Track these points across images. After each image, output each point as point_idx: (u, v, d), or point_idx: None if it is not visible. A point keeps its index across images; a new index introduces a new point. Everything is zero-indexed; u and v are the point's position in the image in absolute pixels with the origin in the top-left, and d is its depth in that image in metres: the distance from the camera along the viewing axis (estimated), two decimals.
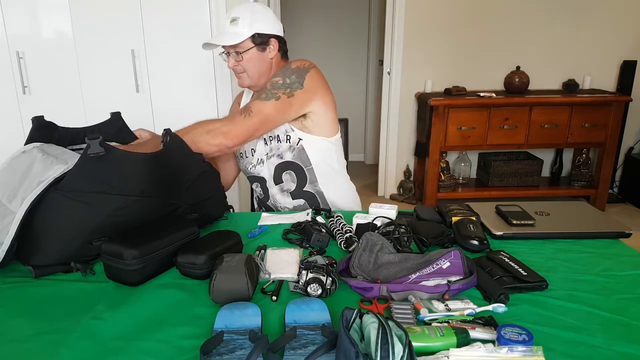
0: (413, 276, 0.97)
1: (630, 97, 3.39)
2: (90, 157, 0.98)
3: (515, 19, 3.57)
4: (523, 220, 1.25)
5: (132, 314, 0.89)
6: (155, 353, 0.78)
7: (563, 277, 1.02)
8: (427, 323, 0.84)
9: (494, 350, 0.73)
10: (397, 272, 1.01)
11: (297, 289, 0.97)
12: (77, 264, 1.06)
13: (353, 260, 1.02)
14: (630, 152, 3.79)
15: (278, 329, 0.85)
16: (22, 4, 2.57)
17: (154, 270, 1.02)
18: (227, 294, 0.90)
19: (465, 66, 3.66)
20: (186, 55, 2.74)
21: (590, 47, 3.63)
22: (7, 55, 2.62)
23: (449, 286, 0.93)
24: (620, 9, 3.55)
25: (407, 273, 0.98)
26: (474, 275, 0.96)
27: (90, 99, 2.75)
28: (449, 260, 0.97)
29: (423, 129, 3.58)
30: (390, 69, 3.71)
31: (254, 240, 1.21)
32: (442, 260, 0.97)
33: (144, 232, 1.04)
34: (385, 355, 0.63)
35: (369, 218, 1.25)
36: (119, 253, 0.97)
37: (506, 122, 3.35)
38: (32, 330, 0.85)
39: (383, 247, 1.06)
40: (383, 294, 0.92)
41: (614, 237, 1.21)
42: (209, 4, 2.67)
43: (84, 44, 2.66)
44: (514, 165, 3.56)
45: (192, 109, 2.82)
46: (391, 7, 3.61)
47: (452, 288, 0.92)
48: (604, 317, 0.87)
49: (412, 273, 0.97)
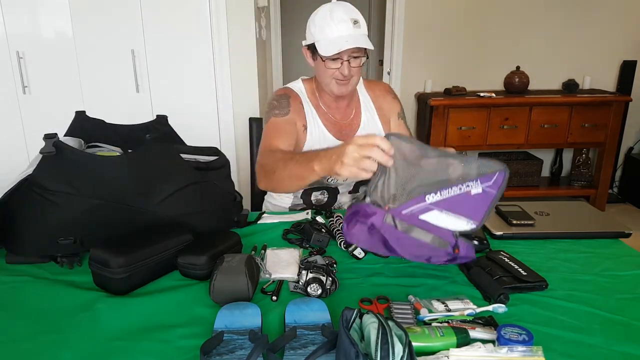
0: (430, 198, 0.82)
1: (630, 97, 3.38)
2: (52, 156, 0.99)
3: (515, 19, 3.56)
4: (523, 220, 1.25)
5: (132, 314, 0.89)
6: (155, 353, 0.79)
7: (563, 277, 1.02)
8: (427, 323, 0.84)
9: (494, 350, 0.73)
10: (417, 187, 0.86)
11: (297, 289, 0.97)
12: (63, 258, 1.07)
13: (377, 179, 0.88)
14: (630, 152, 3.79)
15: (278, 329, 0.85)
16: (22, 4, 2.56)
17: (142, 279, 0.99)
18: (227, 294, 0.90)
19: (465, 66, 3.66)
20: (186, 55, 2.73)
21: (590, 47, 3.63)
22: (7, 55, 2.62)
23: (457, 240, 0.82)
24: (620, 9, 3.55)
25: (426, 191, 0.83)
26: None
27: (90, 99, 2.75)
28: (484, 186, 0.81)
29: (423, 129, 3.58)
30: (390, 69, 3.71)
31: (252, 239, 1.21)
32: (475, 183, 0.82)
33: (133, 239, 1.01)
34: (385, 355, 0.63)
35: None
36: (105, 260, 0.94)
37: (506, 122, 3.35)
38: (32, 330, 0.85)
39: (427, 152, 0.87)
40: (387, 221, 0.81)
41: (614, 237, 1.21)
42: (209, 4, 2.67)
43: (84, 44, 2.66)
44: (514, 165, 3.56)
45: (192, 109, 2.82)
46: (391, 7, 3.61)
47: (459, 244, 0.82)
48: (603, 317, 0.87)
49: (431, 192, 0.83)
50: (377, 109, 1.53)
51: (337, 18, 1.28)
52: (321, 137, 1.44)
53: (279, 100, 1.43)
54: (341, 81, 1.36)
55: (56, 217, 1.03)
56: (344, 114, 1.49)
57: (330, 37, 1.28)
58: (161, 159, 1.11)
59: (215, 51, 2.74)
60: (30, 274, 1.04)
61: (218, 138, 2.90)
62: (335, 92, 1.39)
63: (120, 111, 2.74)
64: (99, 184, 1.03)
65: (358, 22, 1.30)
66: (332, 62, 1.32)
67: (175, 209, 1.11)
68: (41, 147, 0.99)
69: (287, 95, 1.45)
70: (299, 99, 1.45)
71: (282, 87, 1.51)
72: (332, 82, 1.37)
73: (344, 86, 1.37)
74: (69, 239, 1.04)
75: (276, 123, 1.39)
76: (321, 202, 1.53)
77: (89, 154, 1.05)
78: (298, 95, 1.46)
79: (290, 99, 1.43)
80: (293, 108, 1.42)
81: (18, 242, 1.06)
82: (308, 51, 1.39)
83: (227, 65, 2.77)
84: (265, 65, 3.45)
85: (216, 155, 1.28)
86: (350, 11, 1.30)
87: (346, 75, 1.33)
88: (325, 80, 1.38)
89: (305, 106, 1.45)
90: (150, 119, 1.41)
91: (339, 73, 1.34)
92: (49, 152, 0.98)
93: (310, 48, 1.37)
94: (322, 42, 1.30)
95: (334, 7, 1.30)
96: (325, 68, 1.34)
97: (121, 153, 1.24)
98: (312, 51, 1.36)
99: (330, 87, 1.38)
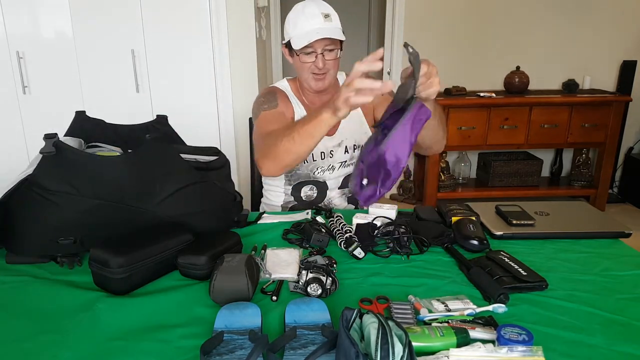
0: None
1: (630, 97, 3.38)
2: (52, 156, 0.99)
3: (515, 18, 3.56)
4: (523, 220, 1.25)
5: (132, 314, 0.89)
6: (155, 353, 0.79)
7: (563, 277, 1.02)
8: (427, 323, 0.84)
9: (494, 350, 0.73)
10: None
11: (297, 289, 0.97)
12: (63, 258, 1.07)
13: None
14: (630, 152, 3.79)
15: (278, 329, 0.85)
16: (22, 4, 2.56)
17: (142, 279, 0.99)
18: (227, 294, 0.90)
19: (465, 66, 3.66)
20: (186, 55, 2.73)
21: (590, 47, 3.63)
22: (7, 55, 2.62)
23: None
24: (620, 9, 3.55)
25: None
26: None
27: (90, 99, 2.75)
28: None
29: None
30: (390, 69, 3.71)
31: (252, 239, 1.21)
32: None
33: (133, 239, 1.01)
34: (385, 355, 0.63)
35: (368, 218, 1.25)
36: (105, 261, 0.94)
37: (506, 122, 3.35)
38: (32, 330, 0.85)
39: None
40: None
41: (614, 237, 1.21)
42: (209, 4, 2.67)
43: (84, 44, 2.66)
44: (514, 165, 3.56)
45: (192, 109, 2.82)
46: (391, 7, 3.61)
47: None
48: (603, 317, 0.87)
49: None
50: None
51: (308, 13, 1.34)
52: None
53: (266, 97, 1.47)
54: (318, 75, 1.39)
55: (56, 217, 1.03)
56: None
57: (302, 32, 1.33)
58: (161, 159, 1.10)
59: (215, 51, 2.74)
60: (30, 274, 1.04)
61: (218, 138, 2.90)
62: (313, 87, 1.43)
63: (120, 111, 2.74)
64: (99, 184, 1.03)
65: (329, 16, 1.35)
66: (307, 56, 1.36)
67: (175, 209, 1.11)
68: (41, 147, 0.98)
69: (274, 92, 1.49)
70: (285, 95, 1.49)
71: (267, 87, 1.55)
72: (310, 76, 1.40)
73: (321, 81, 1.41)
74: (69, 239, 1.04)
75: (266, 115, 1.42)
76: (311, 198, 1.55)
77: (89, 154, 1.05)
78: (284, 91, 1.50)
79: (277, 95, 1.47)
80: (281, 103, 1.45)
81: (18, 242, 1.06)
82: (286, 49, 1.43)
83: (227, 65, 2.77)
84: (265, 65, 3.45)
85: (216, 155, 1.28)
86: (322, 6, 1.36)
87: (321, 67, 1.37)
88: (304, 75, 1.42)
89: (292, 101, 1.49)
90: (150, 119, 1.41)
91: (315, 66, 1.37)
92: (49, 152, 0.98)
93: (287, 46, 1.41)
94: (295, 37, 1.35)
95: (306, 4, 1.36)
96: (300, 63, 1.38)
97: (121, 153, 1.24)
98: (289, 49, 1.41)
99: (308, 83, 1.42)
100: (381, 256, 1.12)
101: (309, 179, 1.53)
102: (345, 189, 1.58)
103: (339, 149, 1.52)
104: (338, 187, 1.57)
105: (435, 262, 1.10)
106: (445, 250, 1.15)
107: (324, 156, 1.51)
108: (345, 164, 1.54)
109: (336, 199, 1.57)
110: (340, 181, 1.56)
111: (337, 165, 1.53)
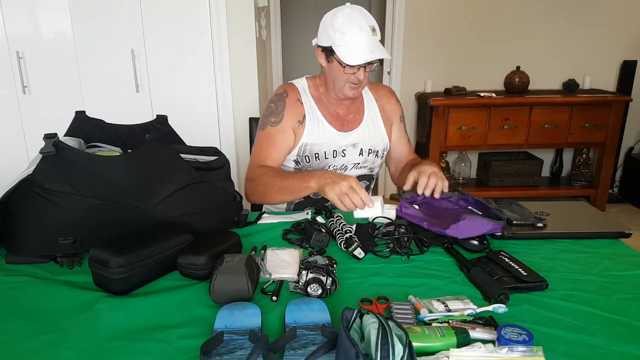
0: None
1: (630, 97, 3.38)
2: (52, 156, 0.99)
3: (515, 18, 3.56)
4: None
5: (132, 314, 0.89)
6: (155, 353, 0.78)
7: (563, 277, 1.02)
8: (427, 323, 0.84)
9: (494, 350, 0.73)
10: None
11: (297, 289, 0.97)
12: (63, 258, 1.07)
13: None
14: (630, 152, 3.79)
15: (278, 329, 0.85)
16: (22, 4, 2.56)
17: (142, 279, 0.99)
18: (227, 294, 0.90)
19: (465, 66, 3.65)
20: (186, 55, 2.73)
21: (590, 47, 3.63)
22: (7, 55, 2.61)
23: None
24: (620, 9, 3.55)
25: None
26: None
27: (90, 99, 2.74)
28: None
29: (423, 129, 3.58)
30: (390, 68, 3.71)
31: (252, 239, 1.21)
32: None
33: (133, 240, 1.01)
34: (385, 355, 0.63)
35: (369, 218, 1.25)
36: (105, 261, 0.94)
37: (506, 122, 3.35)
38: (32, 330, 0.85)
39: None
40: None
41: (614, 237, 1.21)
42: (209, 4, 2.66)
43: (84, 44, 2.66)
44: (514, 165, 3.56)
45: (192, 109, 2.81)
46: (391, 7, 3.61)
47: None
48: (604, 317, 0.87)
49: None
50: (379, 108, 1.58)
51: (358, 26, 1.32)
52: (320, 128, 1.48)
53: (277, 103, 1.48)
54: (354, 85, 1.41)
55: (56, 217, 1.03)
56: (348, 109, 1.53)
57: (353, 46, 1.32)
58: (161, 159, 1.10)
59: (215, 51, 2.74)
60: (30, 274, 1.04)
61: (218, 138, 2.90)
62: (348, 95, 1.44)
63: (120, 111, 2.73)
64: (99, 184, 1.03)
65: (376, 30, 1.35)
66: (350, 68, 1.36)
67: (175, 209, 1.11)
68: (41, 147, 0.98)
69: (286, 92, 1.49)
70: (297, 94, 1.49)
71: (284, 84, 1.55)
72: (346, 85, 1.41)
73: (356, 90, 1.43)
74: (69, 239, 1.04)
75: (269, 134, 1.46)
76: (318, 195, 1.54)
77: (88, 154, 1.05)
78: (298, 90, 1.50)
79: (287, 98, 1.48)
80: (288, 108, 1.46)
81: (18, 242, 1.06)
82: (322, 53, 1.41)
83: (227, 65, 2.77)
84: (265, 65, 3.45)
85: (216, 155, 1.28)
86: (369, 18, 1.35)
87: (362, 80, 1.39)
88: (340, 84, 1.42)
89: (304, 100, 1.49)
90: (150, 119, 1.41)
91: (355, 77, 1.38)
92: (49, 152, 0.98)
93: (324, 50, 1.39)
94: (343, 49, 1.33)
95: (353, 14, 1.33)
96: (342, 73, 1.38)
97: (121, 153, 1.24)
98: (327, 54, 1.39)
99: (343, 91, 1.43)
100: (381, 256, 1.12)
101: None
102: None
103: (354, 150, 1.51)
104: None
105: (435, 262, 1.10)
106: (445, 250, 1.15)
107: (336, 154, 1.49)
108: (358, 166, 1.54)
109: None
110: None
111: (350, 166, 1.52)
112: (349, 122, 1.52)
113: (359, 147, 1.52)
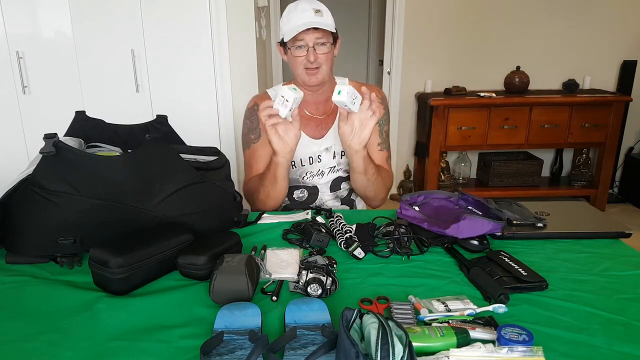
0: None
1: (630, 97, 3.39)
2: (52, 156, 0.99)
3: (515, 19, 3.57)
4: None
5: (132, 314, 0.89)
6: (155, 353, 0.78)
7: (563, 277, 1.02)
8: (427, 323, 0.84)
9: (494, 350, 0.73)
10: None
11: (297, 289, 0.97)
12: (63, 258, 1.07)
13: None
14: (630, 152, 3.79)
15: (278, 329, 0.85)
16: (22, 4, 2.56)
17: (141, 279, 0.98)
18: (227, 294, 0.90)
19: (465, 66, 3.66)
20: (186, 55, 2.73)
21: (590, 47, 3.63)
22: (7, 55, 2.61)
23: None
24: (620, 9, 3.55)
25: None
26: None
27: (90, 99, 2.74)
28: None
29: (423, 129, 3.58)
30: (390, 68, 3.71)
31: (252, 239, 1.21)
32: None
33: (133, 240, 1.01)
34: (385, 355, 0.63)
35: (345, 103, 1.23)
36: (105, 261, 0.94)
37: (506, 122, 3.35)
38: (32, 330, 0.85)
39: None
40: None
41: (614, 237, 1.21)
42: (208, 4, 2.66)
43: (84, 44, 2.66)
44: (514, 165, 3.56)
45: (192, 108, 2.81)
46: (391, 7, 3.61)
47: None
48: (604, 317, 0.87)
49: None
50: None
51: (299, 9, 1.37)
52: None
53: (250, 118, 1.53)
54: (310, 70, 1.40)
55: (56, 217, 1.02)
56: (322, 109, 1.54)
57: (292, 26, 1.35)
58: (161, 159, 1.10)
59: (215, 51, 2.74)
60: (30, 274, 1.04)
61: (218, 138, 2.90)
62: (306, 82, 1.44)
63: (120, 111, 2.73)
64: (99, 184, 1.03)
65: (320, 11, 1.37)
66: (298, 50, 1.38)
67: (175, 209, 1.11)
68: (41, 147, 0.98)
69: (256, 105, 1.52)
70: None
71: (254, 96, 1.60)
72: (303, 72, 1.42)
73: (314, 75, 1.41)
74: (69, 239, 1.04)
75: (254, 151, 1.52)
76: (302, 199, 1.58)
77: (88, 154, 1.05)
78: (269, 98, 1.51)
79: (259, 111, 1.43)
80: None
81: (18, 242, 1.06)
82: (281, 48, 1.45)
83: (227, 65, 2.77)
84: (265, 65, 3.45)
85: (216, 155, 1.28)
86: (313, 2, 1.38)
87: (312, 61, 1.37)
88: (297, 71, 1.43)
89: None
90: (150, 119, 1.41)
91: (306, 60, 1.38)
92: (48, 152, 0.98)
93: (281, 44, 1.44)
94: (286, 32, 1.37)
95: (299, 2, 1.39)
96: (293, 57, 1.40)
97: (121, 153, 1.24)
98: (284, 47, 1.43)
99: (302, 78, 1.44)
100: (381, 256, 1.12)
101: (299, 184, 1.55)
102: (337, 192, 1.58)
103: (327, 153, 1.52)
104: (330, 191, 1.57)
105: (435, 262, 1.10)
106: (445, 250, 1.15)
107: (312, 161, 1.52)
108: (334, 169, 1.54)
109: (329, 201, 1.58)
110: (329, 185, 1.57)
111: (327, 171, 1.54)
112: (322, 124, 1.53)
113: (332, 151, 1.52)
